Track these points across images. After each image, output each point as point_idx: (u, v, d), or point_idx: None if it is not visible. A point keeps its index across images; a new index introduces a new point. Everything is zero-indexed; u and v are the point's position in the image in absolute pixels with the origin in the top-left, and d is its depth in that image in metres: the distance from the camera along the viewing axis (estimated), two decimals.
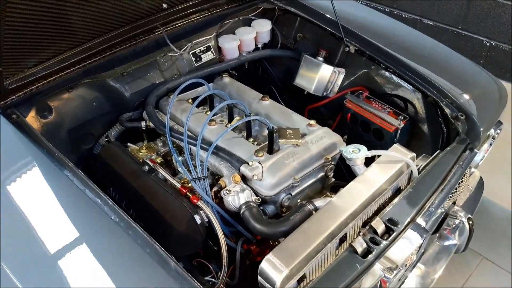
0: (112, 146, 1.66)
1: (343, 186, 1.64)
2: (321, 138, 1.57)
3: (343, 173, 1.73)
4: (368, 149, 1.47)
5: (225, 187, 1.42)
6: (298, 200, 1.50)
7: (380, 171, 1.41)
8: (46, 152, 1.38)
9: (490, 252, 2.38)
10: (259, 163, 1.42)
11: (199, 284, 1.07)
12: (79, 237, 1.17)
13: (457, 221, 1.80)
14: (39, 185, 1.31)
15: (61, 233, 1.18)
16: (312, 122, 1.64)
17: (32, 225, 1.20)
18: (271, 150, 1.58)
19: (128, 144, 1.72)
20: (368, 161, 1.49)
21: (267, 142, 1.61)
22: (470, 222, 1.74)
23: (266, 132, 1.70)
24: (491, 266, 2.32)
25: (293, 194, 1.50)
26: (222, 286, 1.34)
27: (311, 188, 1.59)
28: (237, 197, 1.36)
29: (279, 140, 1.51)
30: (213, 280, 1.46)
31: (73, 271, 1.11)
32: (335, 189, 1.66)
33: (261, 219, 1.31)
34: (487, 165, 2.05)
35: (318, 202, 1.36)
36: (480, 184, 1.99)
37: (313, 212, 1.32)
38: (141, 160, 1.60)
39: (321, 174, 1.59)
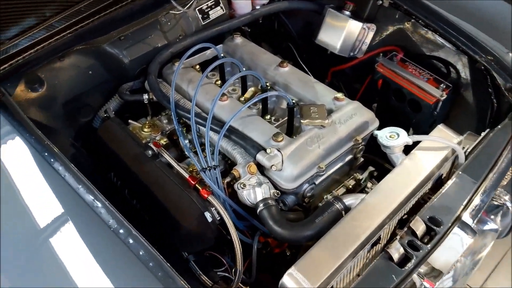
0: (111, 124, 1.47)
1: (371, 160, 1.45)
2: (350, 117, 1.34)
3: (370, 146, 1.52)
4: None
5: (239, 177, 1.24)
6: (326, 197, 1.32)
7: (422, 160, 1.21)
8: (34, 141, 1.21)
9: None
10: (278, 151, 1.22)
11: None
12: (71, 245, 1.02)
13: (497, 203, 1.60)
14: (23, 182, 1.14)
15: (51, 239, 1.03)
16: (340, 95, 1.41)
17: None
18: (290, 131, 1.38)
19: (130, 121, 1.52)
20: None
21: (286, 118, 1.41)
22: None
23: (285, 105, 1.48)
24: None
25: (317, 183, 1.31)
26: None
27: (338, 172, 1.39)
28: (253, 191, 1.18)
29: (302, 121, 1.29)
30: (226, 274, 1.33)
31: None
32: (364, 167, 1.47)
33: (281, 221, 1.13)
34: None
35: (349, 200, 1.17)
36: None
37: (343, 213, 1.14)
38: (144, 142, 1.42)
39: (350, 157, 1.39)
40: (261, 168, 1.25)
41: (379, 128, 1.40)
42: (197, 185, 1.24)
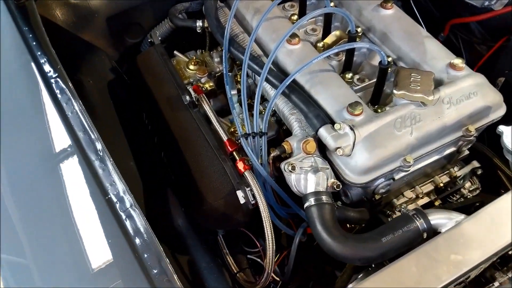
0: (152, 53, 1.20)
1: (479, 152, 1.07)
2: (468, 96, 0.92)
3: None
4: None
5: (291, 153, 0.92)
6: (401, 206, 0.96)
7: None
8: (47, 61, 0.97)
9: None
10: (351, 129, 0.87)
11: None
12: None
13: None
14: (22, 112, 0.92)
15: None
16: (459, 61, 0.97)
17: None
18: (376, 100, 1.00)
19: (175, 52, 1.23)
20: None
21: (374, 81, 1.02)
22: None
23: (377, 61, 1.08)
24: None
25: (396, 178, 0.95)
26: None
27: (430, 165, 1.01)
28: (304, 178, 0.86)
29: (394, 91, 0.91)
30: (259, 260, 1.09)
31: None
32: (465, 160, 1.08)
33: (334, 228, 0.81)
34: None
35: (437, 218, 0.81)
36: None
37: (424, 234, 0.79)
38: (185, 82, 1.13)
39: (451, 150, 0.99)
40: (322, 149, 0.91)
41: (505, 118, 0.97)
42: (234, 153, 0.95)
